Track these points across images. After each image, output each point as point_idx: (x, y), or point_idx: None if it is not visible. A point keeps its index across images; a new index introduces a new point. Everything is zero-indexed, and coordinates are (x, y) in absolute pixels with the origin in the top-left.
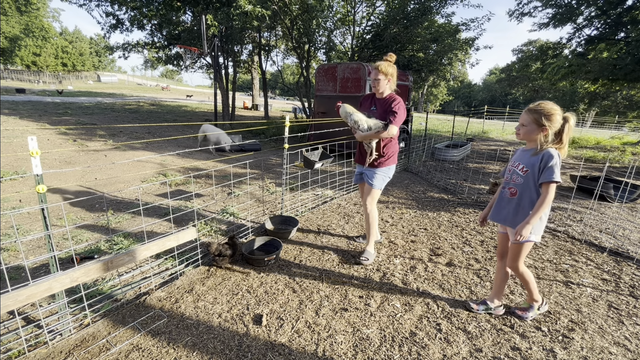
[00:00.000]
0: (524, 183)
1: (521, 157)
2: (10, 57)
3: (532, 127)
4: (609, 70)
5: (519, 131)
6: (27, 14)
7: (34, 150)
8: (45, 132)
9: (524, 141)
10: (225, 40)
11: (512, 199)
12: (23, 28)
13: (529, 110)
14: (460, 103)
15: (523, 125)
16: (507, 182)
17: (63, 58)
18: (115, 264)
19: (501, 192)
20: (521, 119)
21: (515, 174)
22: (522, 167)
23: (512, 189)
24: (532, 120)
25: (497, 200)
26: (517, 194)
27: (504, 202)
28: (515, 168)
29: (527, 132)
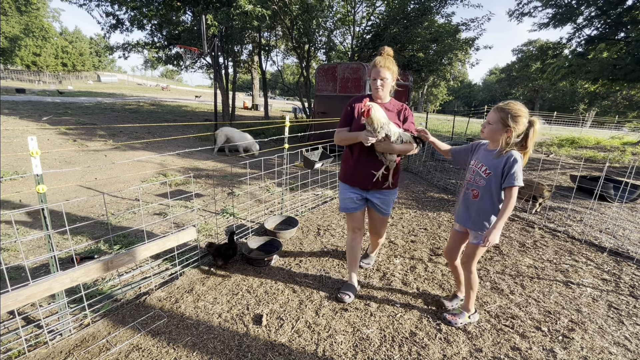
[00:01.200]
0: (485, 185)
1: (484, 157)
2: (10, 57)
3: (498, 126)
4: (609, 70)
5: (484, 129)
6: (27, 14)
7: (34, 150)
8: (45, 132)
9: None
10: (225, 40)
11: (475, 201)
12: (23, 28)
13: (497, 109)
14: (460, 103)
15: (489, 124)
16: (470, 183)
17: (63, 58)
18: (115, 264)
19: (465, 194)
20: (488, 116)
21: (478, 175)
22: (485, 169)
23: (474, 190)
24: (498, 119)
25: (462, 201)
26: (479, 195)
27: (468, 203)
28: (478, 169)
29: (491, 130)
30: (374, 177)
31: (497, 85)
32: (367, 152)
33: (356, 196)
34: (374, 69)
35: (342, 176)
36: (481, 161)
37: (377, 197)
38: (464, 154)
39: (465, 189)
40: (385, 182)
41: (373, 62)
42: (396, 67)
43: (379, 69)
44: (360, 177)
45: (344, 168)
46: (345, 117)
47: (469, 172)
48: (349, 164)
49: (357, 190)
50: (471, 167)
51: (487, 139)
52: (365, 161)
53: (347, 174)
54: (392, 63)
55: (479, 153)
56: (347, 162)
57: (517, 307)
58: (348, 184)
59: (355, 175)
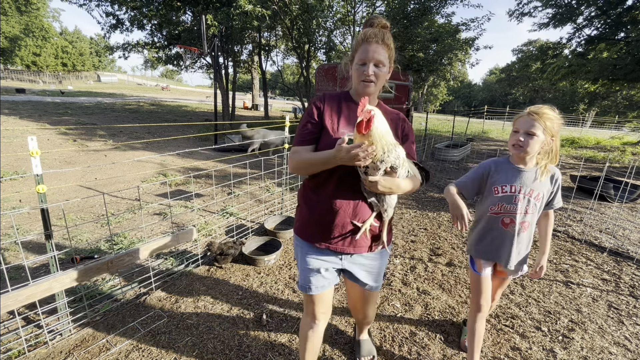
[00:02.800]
0: (535, 212)
1: (523, 179)
2: (10, 57)
3: (542, 138)
4: (609, 70)
5: (522, 143)
6: (27, 14)
7: (34, 150)
8: (45, 132)
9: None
10: (225, 40)
11: (524, 234)
12: (23, 28)
13: (542, 116)
14: (460, 103)
15: (531, 134)
16: (516, 214)
17: (63, 58)
18: (115, 264)
19: (506, 229)
20: (528, 125)
21: (528, 203)
22: (537, 195)
23: (525, 222)
24: (544, 128)
25: (501, 237)
26: (529, 227)
27: (516, 238)
28: (528, 196)
29: (535, 144)
30: (358, 233)
31: (497, 85)
32: (346, 186)
33: (326, 265)
34: (362, 46)
35: (301, 228)
36: (521, 183)
37: (361, 264)
38: (478, 182)
39: (505, 223)
40: (377, 241)
41: (360, 37)
42: (394, 51)
43: (371, 46)
44: (332, 232)
45: (303, 214)
46: (306, 126)
47: (506, 201)
48: (313, 208)
49: (328, 254)
50: (513, 195)
51: (526, 155)
52: (342, 203)
53: (310, 225)
54: (390, 39)
55: (503, 174)
56: (309, 204)
57: (517, 307)
58: (311, 242)
59: (324, 229)
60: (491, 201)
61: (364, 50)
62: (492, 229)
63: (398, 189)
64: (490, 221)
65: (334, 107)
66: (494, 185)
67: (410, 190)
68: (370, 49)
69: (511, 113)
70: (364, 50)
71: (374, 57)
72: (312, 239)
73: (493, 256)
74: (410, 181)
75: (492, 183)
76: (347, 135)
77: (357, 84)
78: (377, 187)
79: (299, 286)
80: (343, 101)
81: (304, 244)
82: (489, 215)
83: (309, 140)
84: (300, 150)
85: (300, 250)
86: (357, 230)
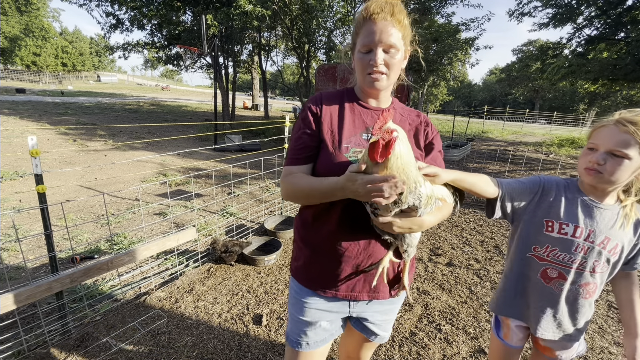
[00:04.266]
0: (606, 272)
1: (596, 220)
2: (10, 57)
3: (636, 163)
4: (609, 70)
5: (602, 168)
6: (27, 14)
7: (34, 150)
8: (45, 132)
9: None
10: (225, 40)
11: (586, 301)
12: (23, 28)
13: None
14: (460, 103)
15: (621, 158)
16: (566, 265)
17: (63, 58)
18: (115, 264)
19: (533, 279)
20: (615, 141)
21: (602, 257)
22: (615, 246)
23: (588, 285)
24: None
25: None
26: (595, 291)
27: (542, 295)
28: (597, 246)
29: (622, 172)
30: (375, 276)
31: (497, 85)
32: (353, 220)
33: (330, 317)
34: (365, 27)
35: (299, 271)
36: (599, 229)
37: (375, 311)
38: (524, 195)
39: (549, 277)
40: (396, 284)
41: (361, 14)
42: (410, 29)
43: (377, 25)
44: (340, 277)
45: (302, 253)
46: (301, 139)
47: (561, 246)
48: (313, 249)
49: (334, 302)
50: (574, 242)
51: (608, 185)
52: (350, 243)
53: (311, 268)
54: (403, 12)
55: (566, 205)
56: (307, 242)
57: None
58: (312, 289)
59: (330, 274)
60: (537, 239)
61: (367, 31)
62: (527, 277)
63: (421, 227)
64: (527, 266)
65: (334, 111)
66: (547, 218)
67: (436, 222)
68: (376, 29)
69: (511, 113)
70: (368, 32)
71: (383, 40)
72: (315, 285)
73: (518, 311)
74: (438, 213)
75: (545, 213)
76: (352, 151)
77: (363, 79)
78: (391, 228)
79: (287, 338)
80: (346, 102)
81: (303, 289)
82: (528, 257)
83: (306, 158)
84: (295, 171)
85: (296, 295)
86: (372, 272)
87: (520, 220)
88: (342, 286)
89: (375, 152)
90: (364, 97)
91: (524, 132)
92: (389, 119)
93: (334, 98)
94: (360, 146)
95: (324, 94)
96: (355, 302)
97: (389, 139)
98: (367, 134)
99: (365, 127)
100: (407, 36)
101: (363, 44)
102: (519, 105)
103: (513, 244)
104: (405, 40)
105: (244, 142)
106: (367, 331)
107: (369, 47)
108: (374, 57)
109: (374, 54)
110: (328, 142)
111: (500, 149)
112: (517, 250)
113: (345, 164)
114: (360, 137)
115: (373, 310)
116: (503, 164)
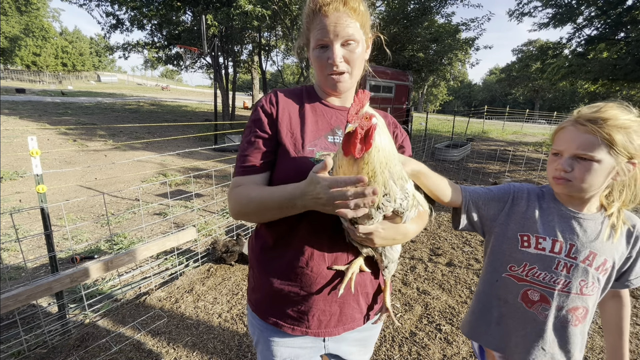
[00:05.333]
0: (597, 294)
1: (577, 232)
2: (10, 57)
3: (612, 164)
4: (609, 70)
5: (570, 175)
6: (27, 14)
7: (34, 150)
8: (45, 132)
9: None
10: (225, 40)
11: (576, 328)
12: (23, 28)
13: (607, 124)
14: (460, 103)
15: (588, 160)
16: (547, 286)
17: (63, 58)
18: (115, 264)
19: (513, 304)
20: (578, 143)
21: (587, 275)
22: (603, 262)
23: (578, 309)
24: (615, 145)
25: (502, 313)
26: (586, 315)
27: (526, 324)
28: (586, 264)
29: (593, 177)
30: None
31: (497, 85)
32: (323, 237)
33: (304, 356)
34: (316, 20)
35: (259, 304)
36: (582, 243)
37: (352, 339)
38: (492, 205)
39: (531, 300)
40: (374, 308)
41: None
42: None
43: (329, 18)
44: (311, 311)
45: (261, 284)
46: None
47: (540, 264)
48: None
49: (305, 339)
50: (554, 258)
51: (579, 193)
52: (321, 268)
53: (274, 301)
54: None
55: (543, 216)
56: (267, 269)
57: None
58: (278, 327)
59: (297, 308)
60: (512, 256)
61: (320, 26)
62: (505, 301)
63: (405, 237)
64: (503, 287)
65: (293, 111)
66: (521, 232)
67: (417, 232)
68: (328, 22)
69: (511, 113)
70: (321, 27)
71: (339, 34)
72: (280, 321)
73: (495, 342)
74: (419, 220)
75: (519, 226)
76: (318, 154)
77: (323, 80)
78: (373, 242)
79: None
80: (306, 101)
81: (268, 327)
82: (504, 277)
83: (258, 167)
84: (245, 182)
85: (259, 332)
86: (348, 301)
87: (491, 233)
88: (314, 322)
89: (352, 145)
90: (325, 96)
91: (524, 132)
92: (365, 101)
93: (292, 96)
94: (327, 149)
95: (279, 91)
96: (329, 337)
97: (368, 126)
98: (332, 136)
99: (331, 128)
100: (366, 23)
101: (317, 41)
102: (519, 105)
103: (486, 261)
104: (364, 29)
105: None
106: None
107: (324, 42)
108: (331, 54)
109: (331, 51)
110: (289, 146)
111: (500, 149)
112: (490, 269)
113: (306, 165)
114: (326, 139)
115: (350, 339)
116: (503, 164)
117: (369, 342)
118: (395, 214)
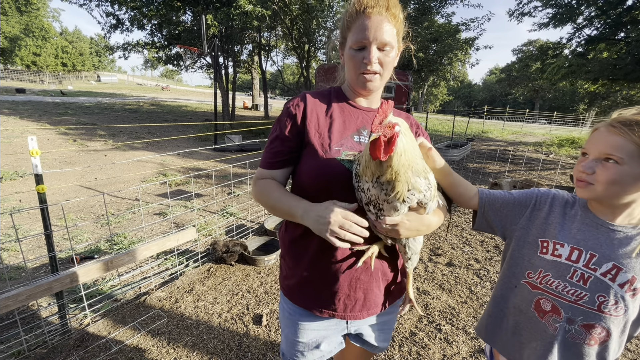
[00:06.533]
0: (626, 314)
1: (603, 244)
2: (10, 57)
3: (636, 171)
4: (609, 70)
5: (591, 178)
6: (27, 14)
7: (34, 150)
8: (45, 132)
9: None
10: (225, 40)
11: (591, 348)
12: (23, 28)
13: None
14: (460, 103)
15: (608, 162)
16: (560, 297)
17: (63, 58)
18: (115, 264)
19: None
20: (605, 144)
21: (611, 293)
22: (631, 279)
23: (597, 328)
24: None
25: (517, 322)
26: (610, 337)
27: (536, 335)
28: (602, 276)
29: (617, 179)
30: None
31: (497, 85)
32: None
33: (329, 336)
34: (358, 22)
35: (291, 289)
36: (607, 255)
37: (373, 324)
38: (513, 209)
39: (542, 310)
40: (392, 294)
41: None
42: (403, 23)
43: (371, 20)
44: (337, 295)
45: (291, 269)
46: (275, 143)
47: (554, 271)
48: (304, 265)
49: (331, 321)
50: (569, 266)
51: (602, 197)
52: (349, 254)
53: (304, 286)
54: (398, 6)
55: (567, 222)
56: (296, 257)
57: None
58: (308, 309)
59: (325, 292)
60: (530, 262)
61: (361, 27)
62: (519, 310)
63: (429, 228)
64: (520, 295)
65: (321, 111)
66: (542, 237)
67: (439, 225)
68: (370, 24)
69: (511, 113)
70: (362, 28)
71: (378, 37)
72: (309, 305)
73: (513, 353)
74: (439, 213)
75: (541, 232)
76: (344, 154)
77: (354, 78)
78: (398, 233)
79: (282, 356)
80: (334, 101)
81: (297, 310)
82: (522, 284)
83: (279, 163)
84: (267, 176)
85: (289, 316)
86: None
87: (512, 237)
88: (340, 306)
89: (377, 149)
90: (353, 97)
91: (524, 132)
92: (389, 112)
93: (320, 98)
94: (353, 149)
95: (308, 93)
96: (350, 321)
97: (391, 134)
98: (358, 136)
99: (357, 128)
100: (401, 32)
101: (356, 41)
102: (519, 105)
103: (505, 265)
104: (398, 37)
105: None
106: (367, 344)
107: (362, 44)
108: (368, 55)
109: (367, 52)
110: (317, 145)
111: (500, 149)
112: (508, 274)
113: (337, 168)
114: (352, 139)
115: (371, 323)
116: (503, 164)
117: (388, 327)
118: (420, 205)
